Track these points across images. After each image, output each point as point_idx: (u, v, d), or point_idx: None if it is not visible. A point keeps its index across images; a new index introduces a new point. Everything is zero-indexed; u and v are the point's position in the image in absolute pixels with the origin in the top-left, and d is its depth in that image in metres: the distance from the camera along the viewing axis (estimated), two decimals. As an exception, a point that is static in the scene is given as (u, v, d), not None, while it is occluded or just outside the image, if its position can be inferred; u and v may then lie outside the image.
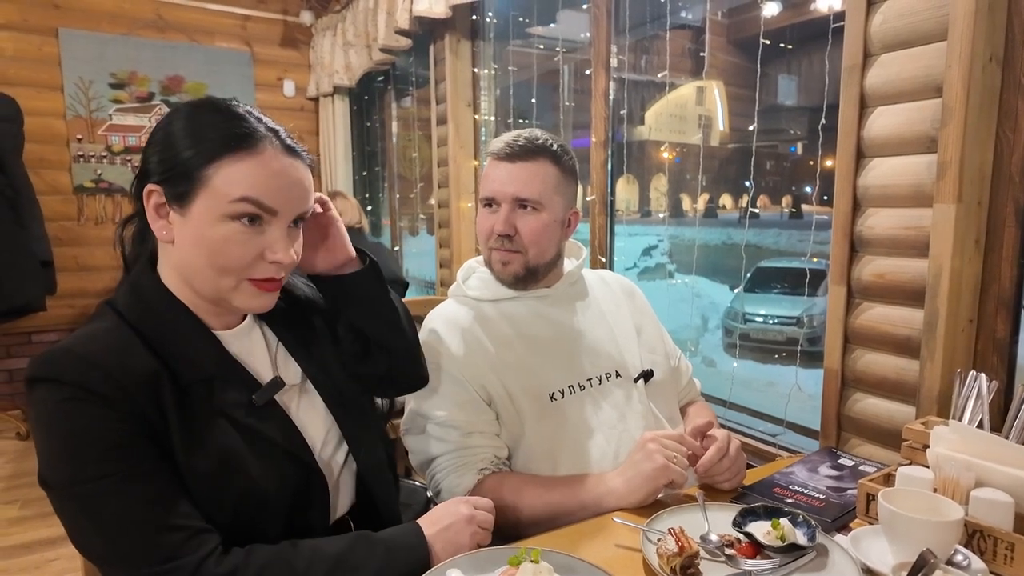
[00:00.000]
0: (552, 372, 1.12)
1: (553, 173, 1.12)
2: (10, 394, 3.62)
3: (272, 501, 0.78)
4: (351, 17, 3.41)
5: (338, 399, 0.91)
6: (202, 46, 3.89)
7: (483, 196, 1.15)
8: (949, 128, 1.06)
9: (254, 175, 0.72)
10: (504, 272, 1.15)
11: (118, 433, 0.68)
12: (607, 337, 1.20)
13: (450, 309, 1.19)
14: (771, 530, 0.83)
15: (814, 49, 1.51)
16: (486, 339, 1.13)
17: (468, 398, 1.09)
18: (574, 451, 1.09)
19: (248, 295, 0.77)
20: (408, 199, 3.99)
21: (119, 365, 0.70)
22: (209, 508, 0.73)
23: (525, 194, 1.10)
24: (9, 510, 2.53)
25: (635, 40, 2.26)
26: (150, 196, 0.75)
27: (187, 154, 0.72)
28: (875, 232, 1.22)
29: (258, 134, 0.74)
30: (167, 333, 0.76)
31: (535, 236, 1.12)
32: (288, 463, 0.81)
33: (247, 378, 0.81)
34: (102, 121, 3.68)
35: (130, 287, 0.79)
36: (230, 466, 0.75)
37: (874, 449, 1.24)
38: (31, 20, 3.47)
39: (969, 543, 0.82)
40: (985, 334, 1.12)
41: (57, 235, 3.49)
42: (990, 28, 1.05)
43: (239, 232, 0.73)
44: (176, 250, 0.76)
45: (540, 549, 0.76)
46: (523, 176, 1.10)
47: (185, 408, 0.73)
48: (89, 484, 0.67)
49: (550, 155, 1.12)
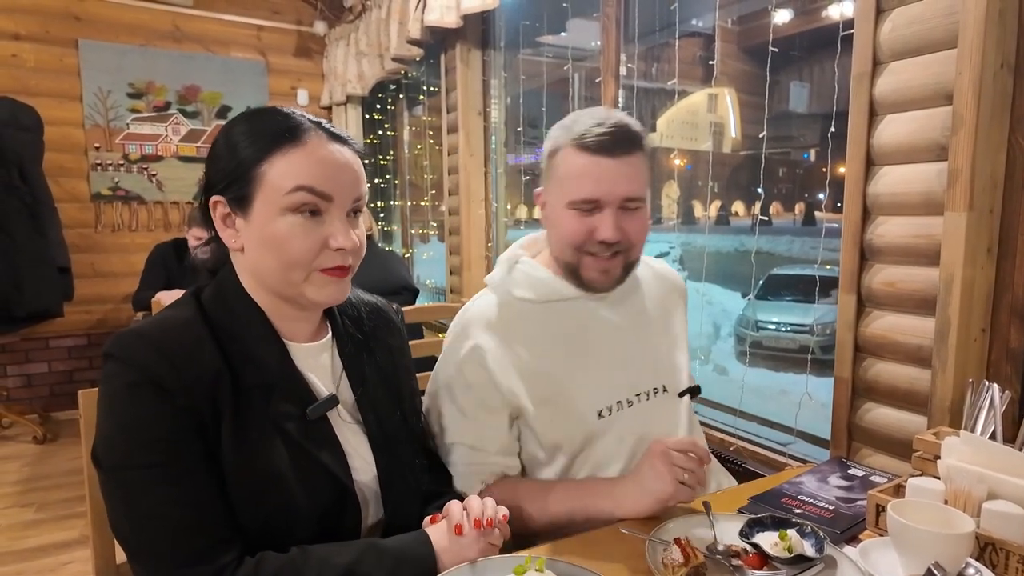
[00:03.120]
0: (601, 387, 1.04)
1: (646, 163, 1.01)
2: (28, 398, 3.68)
3: (305, 516, 0.78)
4: (364, 27, 3.45)
5: (383, 442, 0.89)
6: (218, 56, 3.96)
7: (580, 199, 0.98)
8: (960, 136, 1.05)
9: (304, 164, 0.75)
10: (603, 281, 1.03)
11: (171, 427, 0.71)
12: (658, 346, 1.12)
13: (490, 310, 1.06)
14: (778, 541, 0.82)
15: (825, 56, 1.50)
16: (529, 351, 1.03)
17: (489, 416, 1.02)
18: (609, 466, 1.05)
19: (319, 285, 0.78)
20: (419, 206, 4.01)
21: (187, 359, 0.72)
22: (242, 513, 0.74)
23: (635, 193, 0.98)
24: (25, 513, 2.57)
25: (645, 48, 2.26)
26: (216, 208, 0.79)
27: (239, 158, 0.76)
28: (885, 240, 1.21)
29: (302, 127, 0.77)
30: (239, 332, 0.78)
31: (640, 235, 1.01)
32: (328, 483, 0.80)
33: (305, 391, 0.81)
34: (120, 130, 3.75)
35: (216, 283, 0.82)
36: (272, 478, 0.75)
37: (885, 459, 1.23)
38: (52, 32, 3.56)
39: (981, 556, 0.81)
40: (998, 344, 1.10)
41: (75, 242, 3.55)
42: (1001, 35, 1.04)
43: (299, 225, 0.75)
44: (246, 256, 0.79)
45: (545, 558, 0.76)
46: (628, 173, 0.97)
47: (241, 412, 0.75)
48: (132, 471, 0.70)
49: (642, 143, 1.00)
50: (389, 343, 0.97)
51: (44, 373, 3.73)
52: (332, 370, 0.88)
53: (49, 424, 3.54)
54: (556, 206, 1.02)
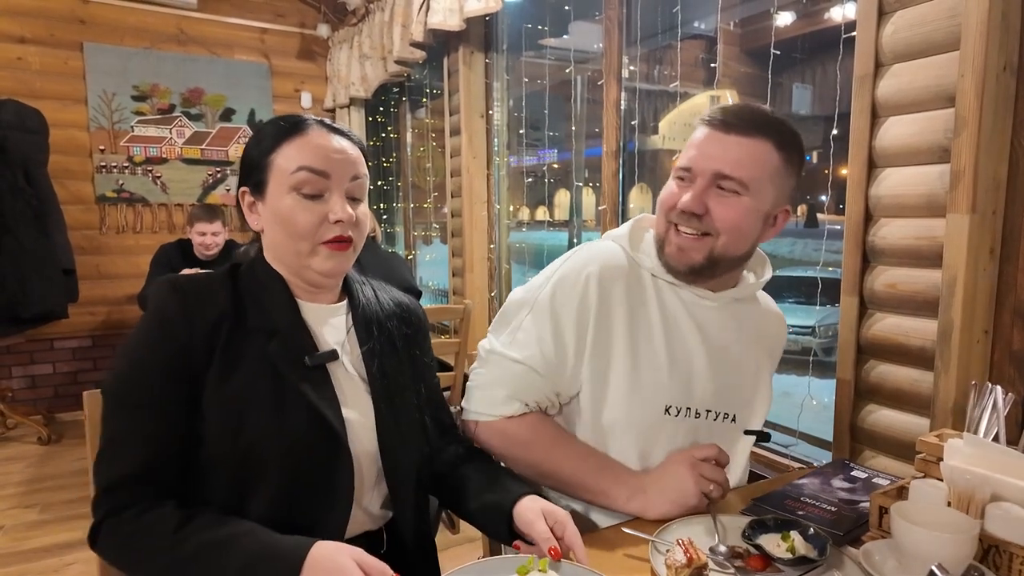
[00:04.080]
0: (681, 383, 1.00)
1: (773, 157, 0.94)
2: (33, 400, 3.70)
3: (284, 453, 0.80)
4: (367, 30, 3.47)
5: (385, 397, 0.92)
6: (222, 59, 3.97)
7: (680, 165, 0.96)
8: (962, 138, 1.06)
9: (305, 149, 0.87)
10: (678, 259, 0.97)
11: (163, 370, 0.80)
12: (746, 376, 1.07)
13: (615, 259, 1.01)
14: (781, 542, 0.82)
15: (828, 58, 1.51)
16: (635, 315, 0.98)
17: (560, 352, 0.97)
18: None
19: (323, 257, 0.88)
20: (422, 208, 4.02)
21: (197, 300, 0.83)
22: (219, 443, 0.79)
23: (729, 170, 0.92)
24: (29, 514, 2.58)
25: (647, 51, 2.27)
26: (244, 197, 0.91)
27: (256, 152, 0.89)
28: (887, 242, 1.21)
29: (307, 122, 0.89)
30: (256, 287, 0.89)
31: (731, 223, 0.94)
32: (316, 425, 0.82)
33: (308, 342, 0.88)
34: (124, 132, 3.76)
35: (251, 260, 0.94)
36: (252, 408, 0.80)
37: (888, 461, 1.23)
38: (57, 35, 3.58)
39: (984, 559, 0.80)
40: (1001, 345, 1.10)
41: (80, 244, 3.57)
42: (1004, 37, 1.04)
43: (303, 202, 0.86)
44: (265, 236, 0.91)
45: (548, 559, 0.77)
46: (734, 151, 0.92)
47: (235, 347, 0.82)
48: (116, 398, 0.81)
49: (775, 135, 0.94)
50: (405, 330, 1.01)
51: (49, 374, 3.75)
52: (344, 329, 0.94)
53: (53, 425, 3.55)
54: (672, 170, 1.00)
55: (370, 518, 0.93)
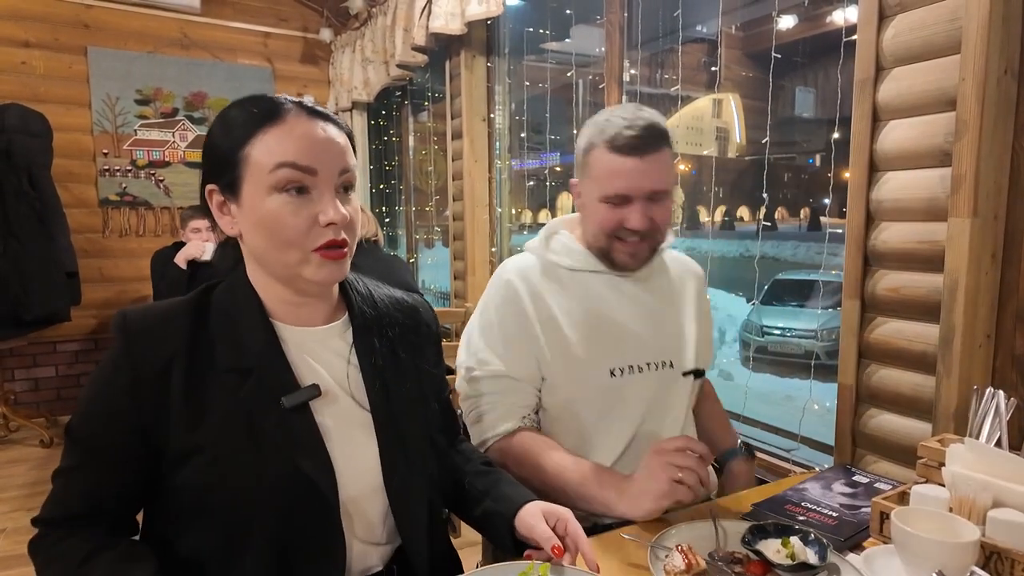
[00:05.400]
0: (617, 348, 1.12)
1: (670, 156, 1.10)
2: (35, 402, 3.71)
3: (262, 515, 0.73)
4: (369, 34, 3.48)
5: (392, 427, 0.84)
6: (225, 63, 3.99)
7: (612, 194, 1.07)
8: (963, 141, 1.05)
9: (285, 141, 0.75)
10: (632, 263, 1.13)
11: (108, 407, 0.74)
12: (672, 326, 1.19)
13: (527, 263, 1.17)
14: (781, 548, 0.82)
15: (829, 62, 1.51)
16: (555, 303, 1.12)
17: (522, 350, 1.10)
18: (614, 428, 1.11)
19: (316, 266, 0.77)
20: (424, 212, 4.03)
21: (147, 339, 0.75)
22: (188, 497, 0.74)
23: (660, 186, 1.07)
24: (31, 516, 2.58)
25: (649, 54, 2.27)
26: (212, 197, 0.79)
27: (225, 145, 0.76)
28: (889, 246, 1.21)
29: (282, 107, 0.77)
30: (234, 317, 0.79)
31: (666, 221, 1.11)
32: (296, 482, 0.74)
33: (287, 379, 0.78)
34: (128, 136, 3.78)
35: (232, 275, 0.84)
36: (224, 464, 0.72)
37: (889, 466, 1.22)
38: (62, 39, 3.59)
39: (986, 565, 0.80)
40: (1003, 350, 1.10)
41: (83, 247, 3.57)
42: (1005, 40, 1.04)
43: (288, 203, 0.74)
44: (245, 242, 0.80)
45: (548, 564, 0.76)
46: (654, 169, 1.06)
47: (201, 394, 0.74)
48: (68, 435, 0.77)
49: (667, 139, 1.09)
50: (412, 338, 0.92)
51: (51, 377, 3.76)
52: (344, 353, 0.85)
53: (56, 428, 3.55)
54: (590, 198, 1.12)
55: (378, 551, 0.85)
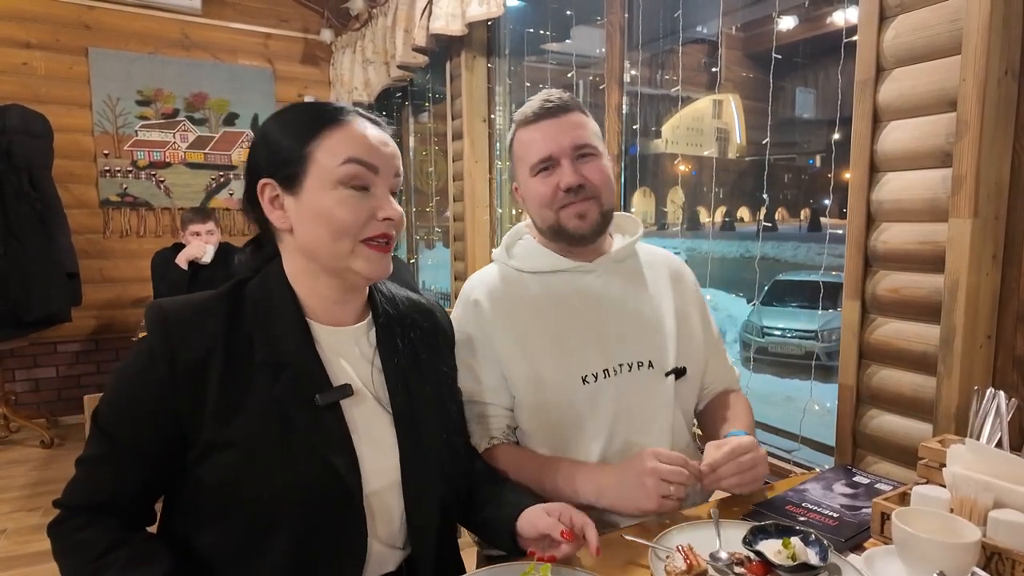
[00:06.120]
0: (587, 353, 1.08)
1: (590, 122, 1.11)
2: (36, 403, 3.71)
3: (287, 512, 0.76)
4: (370, 35, 3.48)
5: (412, 427, 0.87)
6: (225, 64, 3.99)
7: (537, 160, 1.08)
8: (964, 142, 1.05)
9: (351, 140, 0.81)
10: (584, 225, 1.09)
11: (142, 398, 0.76)
12: (647, 322, 1.13)
13: (493, 277, 1.16)
14: (782, 549, 0.81)
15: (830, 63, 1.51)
16: (520, 315, 1.10)
17: (491, 371, 1.09)
18: (592, 437, 1.07)
19: (365, 259, 0.82)
20: (424, 212, 4.03)
21: (184, 332, 0.77)
22: (217, 491, 0.76)
23: (582, 140, 1.07)
24: (31, 517, 2.58)
25: (649, 55, 2.27)
26: (264, 191, 0.82)
27: (287, 142, 0.81)
28: (889, 247, 1.21)
29: (344, 111, 0.83)
30: (268, 314, 0.82)
31: (602, 180, 1.09)
32: (326, 479, 0.77)
33: (321, 377, 0.81)
34: (128, 137, 3.78)
35: (264, 271, 0.86)
36: (256, 458, 0.75)
37: (890, 467, 1.22)
38: (63, 40, 3.60)
39: (987, 566, 0.80)
40: (1004, 351, 1.10)
41: (83, 247, 3.58)
42: (1005, 41, 1.04)
43: (350, 196, 0.80)
44: (296, 235, 0.83)
45: (550, 564, 0.77)
46: (569, 127, 1.08)
47: (237, 388, 0.76)
48: (97, 424, 0.78)
49: (579, 106, 1.11)
50: (431, 340, 0.97)
51: (52, 378, 3.76)
52: (368, 355, 0.88)
53: (56, 428, 3.56)
54: (525, 183, 1.12)
55: (394, 556, 0.87)
